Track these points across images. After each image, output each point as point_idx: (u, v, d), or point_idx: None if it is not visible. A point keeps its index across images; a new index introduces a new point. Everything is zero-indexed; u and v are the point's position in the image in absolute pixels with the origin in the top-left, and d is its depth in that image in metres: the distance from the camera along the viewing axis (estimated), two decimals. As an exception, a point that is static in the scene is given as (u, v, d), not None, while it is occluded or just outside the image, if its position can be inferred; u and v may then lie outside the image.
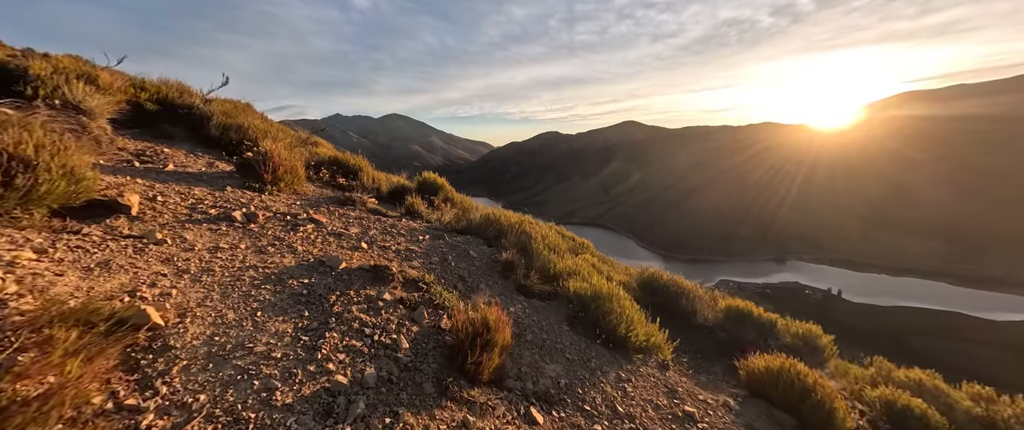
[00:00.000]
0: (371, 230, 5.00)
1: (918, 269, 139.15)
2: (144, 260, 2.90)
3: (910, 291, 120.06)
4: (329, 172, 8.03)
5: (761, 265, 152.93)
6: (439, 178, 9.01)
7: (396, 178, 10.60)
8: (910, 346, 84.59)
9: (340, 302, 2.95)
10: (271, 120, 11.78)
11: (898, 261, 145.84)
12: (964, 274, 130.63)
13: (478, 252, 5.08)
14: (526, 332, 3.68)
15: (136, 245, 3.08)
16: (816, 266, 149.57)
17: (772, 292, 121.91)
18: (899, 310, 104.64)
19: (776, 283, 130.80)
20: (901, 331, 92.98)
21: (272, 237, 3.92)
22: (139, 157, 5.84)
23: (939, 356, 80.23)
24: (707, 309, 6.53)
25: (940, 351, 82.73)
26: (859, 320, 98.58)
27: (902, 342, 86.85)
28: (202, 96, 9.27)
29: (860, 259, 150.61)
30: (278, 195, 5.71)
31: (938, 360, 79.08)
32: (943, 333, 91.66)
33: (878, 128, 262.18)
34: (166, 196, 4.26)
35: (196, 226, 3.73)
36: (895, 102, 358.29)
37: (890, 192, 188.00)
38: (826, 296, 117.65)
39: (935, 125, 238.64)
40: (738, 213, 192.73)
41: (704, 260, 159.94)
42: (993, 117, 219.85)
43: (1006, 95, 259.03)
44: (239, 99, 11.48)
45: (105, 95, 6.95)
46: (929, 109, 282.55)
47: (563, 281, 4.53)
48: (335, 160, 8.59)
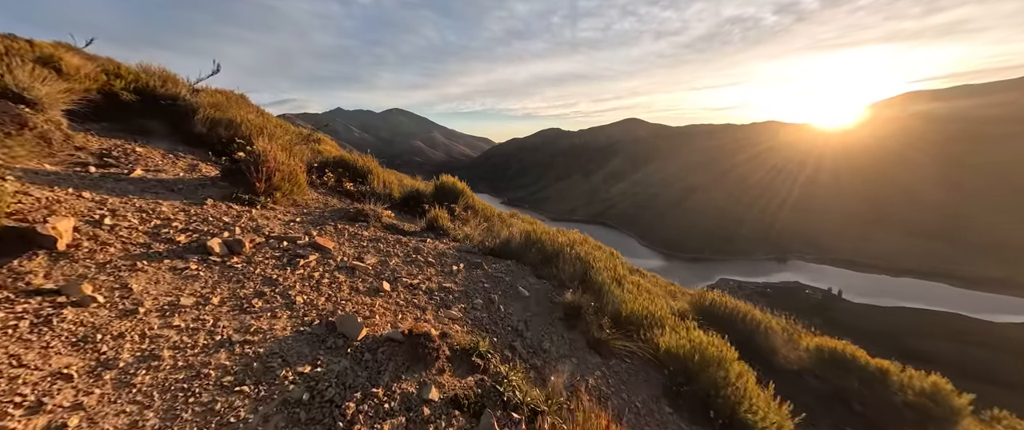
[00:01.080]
0: (392, 258, 3.88)
1: (919, 270, 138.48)
2: (43, 341, 1.79)
3: (910, 292, 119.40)
4: (334, 176, 6.90)
5: (762, 264, 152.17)
6: (459, 182, 7.88)
7: (409, 180, 9.47)
8: (910, 347, 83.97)
9: (363, 416, 1.83)
10: (268, 114, 10.61)
11: (899, 262, 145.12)
12: (965, 275, 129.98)
13: (528, 287, 3.97)
14: (619, 419, 2.59)
15: (42, 310, 1.97)
16: (817, 266, 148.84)
17: (772, 291, 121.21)
18: (899, 311, 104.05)
19: (776, 282, 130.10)
20: (901, 332, 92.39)
21: (260, 280, 2.80)
22: (101, 160, 4.70)
23: (940, 357, 79.68)
24: (786, 346, 5.44)
25: (940, 352, 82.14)
26: (859, 320, 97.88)
27: (902, 343, 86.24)
28: (189, 86, 8.09)
29: (861, 259, 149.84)
30: (273, 209, 4.58)
31: (938, 361, 78.54)
32: (943, 334, 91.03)
33: (882, 128, 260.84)
34: (120, 217, 3.14)
35: (153, 265, 2.62)
36: (899, 102, 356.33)
37: (893, 192, 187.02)
38: (826, 296, 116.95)
39: (939, 125, 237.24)
40: (740, 212, 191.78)
41: (705, 259, 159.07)
42: (997, 118, 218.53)
43: (1010, 95, 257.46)
44: (232, 90, 10.32)
45: (67, 82, 5.80)
46: (933, 109, 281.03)
47: (646, 331, 3.44)
48: (341, 161, 7.45)
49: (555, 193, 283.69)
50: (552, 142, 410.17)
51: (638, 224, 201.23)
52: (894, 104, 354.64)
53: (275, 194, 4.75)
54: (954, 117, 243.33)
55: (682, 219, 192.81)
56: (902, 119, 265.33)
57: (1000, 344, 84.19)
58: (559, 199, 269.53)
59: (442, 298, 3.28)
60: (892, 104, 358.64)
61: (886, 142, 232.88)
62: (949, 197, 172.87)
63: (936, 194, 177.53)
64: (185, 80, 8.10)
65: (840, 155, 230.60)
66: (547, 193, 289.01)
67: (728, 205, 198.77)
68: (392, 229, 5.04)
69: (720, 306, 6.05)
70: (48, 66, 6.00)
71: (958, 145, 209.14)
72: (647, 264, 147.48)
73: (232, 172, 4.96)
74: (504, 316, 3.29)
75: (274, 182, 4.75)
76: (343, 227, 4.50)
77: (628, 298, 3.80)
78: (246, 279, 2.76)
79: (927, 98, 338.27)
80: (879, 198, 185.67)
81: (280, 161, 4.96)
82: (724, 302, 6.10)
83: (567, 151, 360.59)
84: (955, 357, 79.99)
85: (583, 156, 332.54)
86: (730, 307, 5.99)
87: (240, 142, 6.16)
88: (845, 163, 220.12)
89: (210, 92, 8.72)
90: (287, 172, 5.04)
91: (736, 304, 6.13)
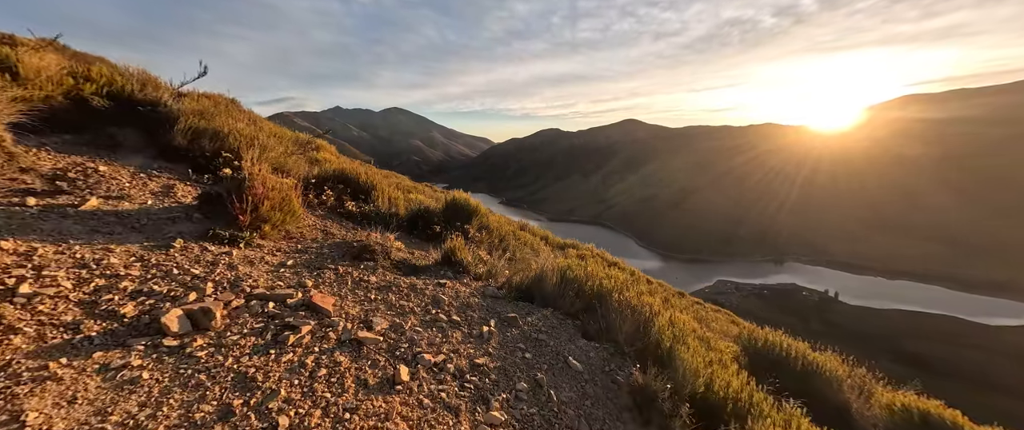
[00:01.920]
0: (407, 317, 3.08)
1: (916, 272, 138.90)
2: None
3: (907, 294, 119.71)
4: (334, 194, 6.08)
5: (760, 266, 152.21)
6: (472, 199, 7.08)
7: (415, 194, 8.66)
8: (906, 349, 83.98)
9: None
10: (262, 120, 9.73)
11: (896, 264, 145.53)
12: (962, 278, 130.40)
13: (578, 354, 3.18)
14: None
15: None
16: (814, 268, 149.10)
17: (769, 293, 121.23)
18: (895, 313, 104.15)
19: (774, 284, 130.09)
20: (897, 334, 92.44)
21: (231, 381, 1.99)
22: (52, 184, 3.87)
23: (934, 360, 79.67)
24: (858, 400, 4.68)
25: (935, 355, 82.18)
26: (855, 322, 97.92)
27: (898, 345, 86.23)
28: (173, 90, 7.23)
29: (858, 261, 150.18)
30: (261, 246, 3.76)
31: (933, 364, 78.43)
32: (939, 337, 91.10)
33: (879, 130, 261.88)
34: (47, 279, 2.33)
35: (74, 365, 1.82)
36: (897, 105, 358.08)
37: (890, 195, 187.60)
38: (823, 298, 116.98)
39: (936, 128, 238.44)
40: (738, 214, 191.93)
41: (703, 260, 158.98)
42: (994, 120, 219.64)
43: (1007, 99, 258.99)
44: (222, 94, 9.48)
45: (22, 87, 4.96)
46: (930, 112, 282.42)
47: (734, 422, 2.65)
48: (342, 176, 6.63)
49: (553, 194, 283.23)
50: (551, 142, 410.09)
51: (636, 225, 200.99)
52: (892, 107, 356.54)
53: (263, 227, 3.93)
54: (952, 120, 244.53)
55: (680, 220, 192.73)
56: (899, 122, 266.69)
57: (995, 347, 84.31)
58: (557, 200, 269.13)
59: (477, 386, 2.49)
60: (890, 107, 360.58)
61: (884, 145, 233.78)
62: (947, 200, 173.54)
63: (934, 197, 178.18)
64: (168, 83, 7.25)
65: (838, 157, 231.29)
66: (545, 194, 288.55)
67: (726, 207, 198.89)
68: (403, 267, 4.23)
69: (772, 348, 5.30)
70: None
71: (956, 148, 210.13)
72: (645, 265, 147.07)
73: (212, 198, 4.14)
74: (558, 409, 2.50)
75: (262, 212, 3.93)
76: (346, 270, 3.69)
77: (698, 363, 3.03)
78: (210, 380, 1.95)
79: (924, 101, 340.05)
80: (876, 201, 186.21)
81: (270, 185, 4.14)
82: (777, 344, 5.34)
83: (566, 152, 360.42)
84: (949, 360, 79.96)
85: (582, 157, 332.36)
86: (783, 348, 5.24)
87: (228, 156, 5.35)
88: (843, 165, 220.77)
89: (195, 97, 7.88)
90: (279, 198, 4.22)
91: (791, 344, 5.37)
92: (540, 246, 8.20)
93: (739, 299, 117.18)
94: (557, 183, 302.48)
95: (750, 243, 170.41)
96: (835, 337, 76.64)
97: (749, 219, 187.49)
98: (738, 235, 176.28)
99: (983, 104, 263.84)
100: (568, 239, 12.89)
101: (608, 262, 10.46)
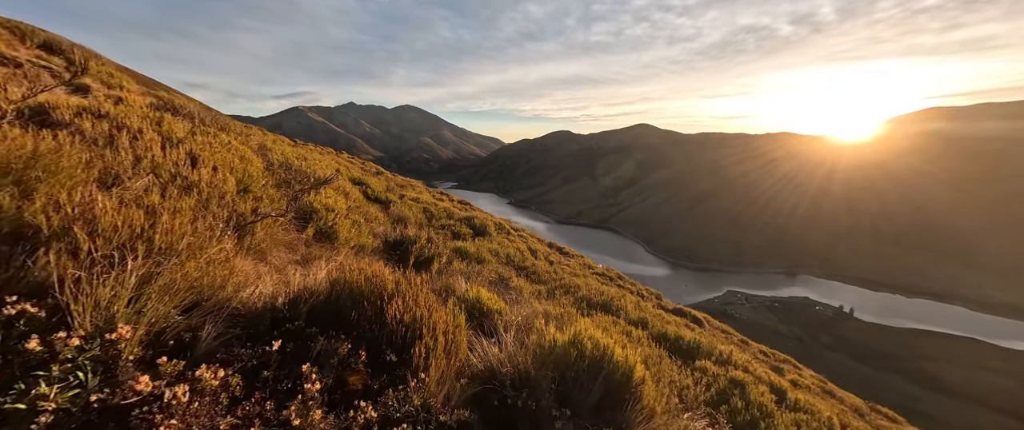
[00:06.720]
0: None
1: (934, 291, 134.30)
2: None
3: (925, 313, 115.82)
4: (339, 372, 4.59)
5: (771, 278, 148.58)
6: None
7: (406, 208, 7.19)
8: (925, 371, 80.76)
9: None
10: (254, 161, 4.96)
11: (914, 282, 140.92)
12: (983, 299, 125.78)
13: None
14: None
15: None
16: (828, 282, 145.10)
17: (781, 306, 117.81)
18: (912, 332, 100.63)
19: (785, 297, 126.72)
20: (914, 355, 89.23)
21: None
22: None
23: (952, 381, 76.67)
24: None
25: (953, 376, 79.09)
26: (870, 339, 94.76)
27: (915, 365, 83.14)
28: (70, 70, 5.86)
29: (874, 277, 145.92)
30: None
31: (951, 385, 75.35)
32: (957, 359, 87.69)
33: (899, 144, 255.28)
34: None
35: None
36: (918, 118, 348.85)
37: (909, 210, 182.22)
38: (837, 313, 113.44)
39: (959, 144, 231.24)
40: (750, 224, 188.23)
41: (713, 270, 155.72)
42: (1021, 139, 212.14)
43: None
44: (204, 102, 7.92)
45: None
46: (953, 127, 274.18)
47: None
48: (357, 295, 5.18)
49: (562, 195, 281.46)
50: (561, 144, 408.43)
51: (645, 231, 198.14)
52: (912, 120, 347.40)
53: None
54: (974, 136, 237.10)
55: (691, 228, 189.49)
56: (921, 136, 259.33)
57: (1017, 371, 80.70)
58: (565, 202, 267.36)
59: None
60: (910, 120, 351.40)
61: (905, 159, 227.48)
62: (969, 218, 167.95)
63: (955, 214, 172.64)
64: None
65: (855, 170, 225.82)
66: (554, 195, 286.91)
67: (738, 216, 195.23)
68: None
69: None
70: None
71: (982, 164, 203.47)
72: (653, 272, 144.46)
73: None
74: None
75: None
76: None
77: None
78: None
79: (947, 115, 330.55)
80: (896, 215, 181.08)
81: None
82: None
83: (576, 154, 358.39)
84: (969, 382, 76.82)
85: (592, 159, 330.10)
86: None
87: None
88: (860, 178, 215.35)
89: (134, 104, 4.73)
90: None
91: None
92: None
93: (749, 311, 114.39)
94: (566, 185, 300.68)
95: (762, 254, 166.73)
96: (849, 354, 72.97)
97: (762, 230, 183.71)
98: (751, 245, 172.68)
99: (1012, 115, 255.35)
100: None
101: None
